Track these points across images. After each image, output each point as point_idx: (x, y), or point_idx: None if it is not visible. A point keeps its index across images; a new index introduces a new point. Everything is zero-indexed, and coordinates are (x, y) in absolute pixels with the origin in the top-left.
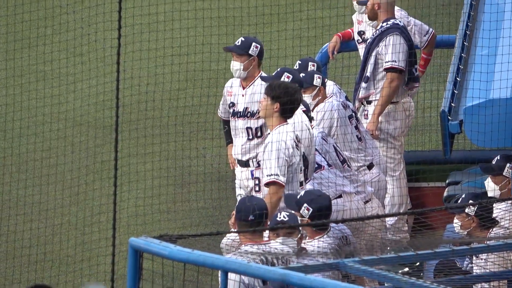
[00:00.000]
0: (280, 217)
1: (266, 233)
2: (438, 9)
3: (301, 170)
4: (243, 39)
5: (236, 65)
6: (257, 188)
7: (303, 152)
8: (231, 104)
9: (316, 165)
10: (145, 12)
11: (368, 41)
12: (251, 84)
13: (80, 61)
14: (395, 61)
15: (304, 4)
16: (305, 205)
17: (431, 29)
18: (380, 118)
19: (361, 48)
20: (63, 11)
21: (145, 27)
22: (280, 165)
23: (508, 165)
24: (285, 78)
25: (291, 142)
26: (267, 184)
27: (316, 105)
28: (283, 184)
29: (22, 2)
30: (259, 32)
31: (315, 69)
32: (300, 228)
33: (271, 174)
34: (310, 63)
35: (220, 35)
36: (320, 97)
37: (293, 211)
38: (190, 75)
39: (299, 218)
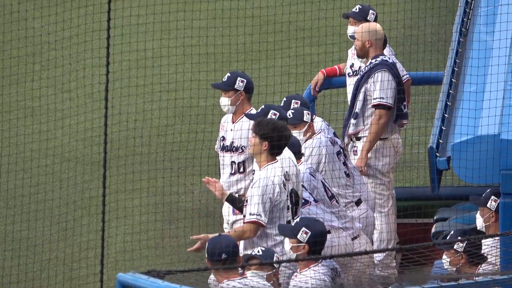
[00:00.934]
0: (254, 252)
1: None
2: (426, 46)
3: (288, 208)
4: (229, 74)
5: (223, 101)
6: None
7: (291, 189)
8: (221, 138)
9: (303, 201)
10: (133, 48)
11: (357, 78)
12: (239, 120)
13: (68, 97)
14: (383, 98)
15: (292, 41)
16: (303, 229)
17: (406, 76)
18: (369, 154)
19: (350, 85)
20: (51, 48)
21: (133, 64)
22: (264, 205)
23: (492, 197)
24: (272, 115)
25: (278, 181)
26: (249, 222)
27: (305, 141)
28: (264, 224)
29: (10, 38)
30: (247, 68)
31: (297, 107)
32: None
33: (254, 214)
34: (293, 101)
35: (208, 71)
36: (309, 133)
37: (286, 238)
38: (178, 111)
39: (290, 245)
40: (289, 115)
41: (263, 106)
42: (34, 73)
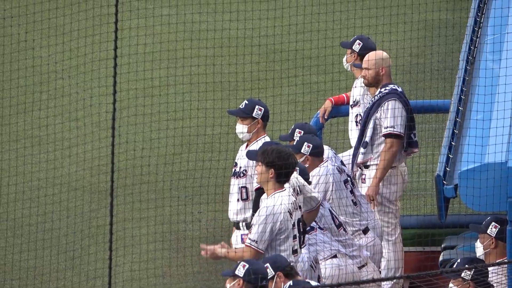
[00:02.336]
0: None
1: None
2: (433, 74)
3: (295, 237)
4: (246, 101)
5: (240, 128)
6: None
7: (299, 218)
8: (234, 164)
9: (308, 228)
10: (140, 77)
11: (366, 107)
12: (251, 145)
13: (75, 126)
14: (393, 127)
15: (299, 69)
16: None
17: None
18: None
19: (351, 113)
20: (59, 77)
21: (140, 92)
22: (263, 233)
23: (492, 223)
24: (297, 133)
25: (284, 209)
26: (246, 246)
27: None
28: (260, 251)
29: (17, 67)
30: (254, 96)
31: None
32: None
33: (251, 239)
34: (296, 131)
35: (215, 100)
36: (308, 165)
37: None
38: (186, 140)
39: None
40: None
41: (293, 127)
42: (41, 102)
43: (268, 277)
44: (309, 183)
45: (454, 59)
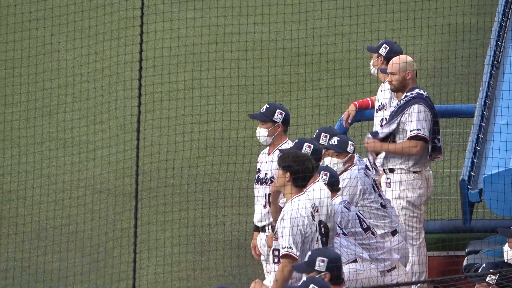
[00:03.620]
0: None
1: None
2: (457, 78)
3: (317, 240)
4: (267, 105)
5: (261, 132)
6: (275, 260)
7: (320, 220)
8: (257, 170)
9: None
10: (165, 80)
11: (392, 111)
12: (275, 151)
13: (100, 129)
14: (420, 130)
15: (324, 73)
16: (319, 258)
17: None
18: (402, 187)
19: (376, 117)
20: (83, 79)
21: (165, 95)
22: (294, 237)
23: None
24: (306, 148)
25: (306, 213)
26: (282, 256)
27: (340, 173)
28: (296, 257)
29: (42, 70)
30: (278, 100)
31: (326, 140)
32: None
33: (285, 247)
34: (322, 134)
35: (239, 103)
36: (348, 165)
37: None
38: (210, 143)
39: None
40: (334, 142)
41: (296, 140)
42: (66, 105)
43: None
44: (338, 189)
45: (479, 63)
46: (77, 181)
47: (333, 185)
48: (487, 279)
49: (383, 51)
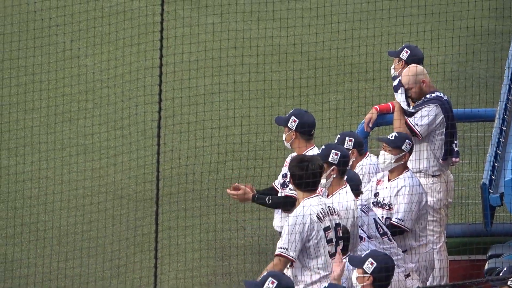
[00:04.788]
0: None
1: None
2: (477, 82)
3: (331, 241)
4: (291, 111)
5: (283, 137)
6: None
7: (337, 223)
8: (284, 175)
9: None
10: (186, 85)
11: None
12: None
13: (120, 135)
14: (417, 124)
15: (344, 77)
16: (369, 259)
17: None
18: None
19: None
20: (104, 85)
21: (185, 100)
22: (291, 240)
23: None
24: (348, 142)
25: (310, 217)
26: (276, 255)
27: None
28: (291, 258)
29: (63, 76)
30: (296, 104)
31: (351, 144)
32: None
33: (280, 247)
34: (347, 138)
35: (260, 107)
36: (402, 162)
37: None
38: (230, 148)
39: (357, 275)
40: (392, 137)
41: (323, 146)
42: (86, 110)
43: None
44: (361, 193)
45: (499, 67)
46: (98, 187)
47: (354, 189)
48: (509, 282)
49: (404, 55)
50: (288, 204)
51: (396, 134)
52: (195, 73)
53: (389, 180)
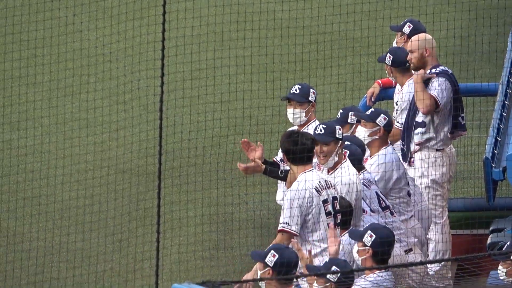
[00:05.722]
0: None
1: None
2: (480, 56)
3: (329, 214)
4: (299, 86)
5: (297, 112)
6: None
7: (334, 197)
8: None
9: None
10: (188, 59)
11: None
12: (305, 128)
13: (123, 109)
14: (439, 96)
15: (346, 51)
16: (369, 231)
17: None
18: (425, 165)
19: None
20: (106, 59)
21: (187, 75)
22: (292, 214)
23: None
24: (351, 116)
25: (308, 189)
26: (278, 231)
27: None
28: (293, 232)
29: (65, 50)
30: (299, 78)
31: (355, 120)
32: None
33: (281, 222)
34: (350, 114)
35: (262, 82)
36: (376, 137)
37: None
38: (232, 122)
39: (357, 248)
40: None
41: (341, 110)
42: (89, 85)
43: None
44: (362, 167)
45: (502, 41)
46: (100, 161)
47: (353, 163)
48: (511, 256)
49: (406, 29)
50: None
51: (373, 110)
52: (198, 47)
53: (370, 157)
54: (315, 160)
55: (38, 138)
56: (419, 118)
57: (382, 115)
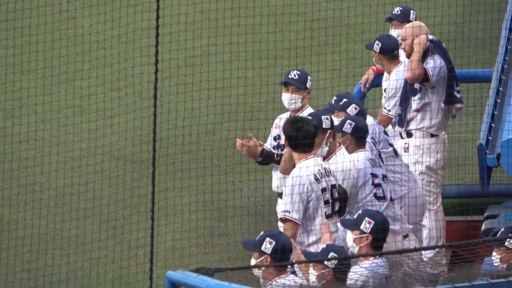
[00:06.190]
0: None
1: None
2: (474, 43)
3: (327, 203)
4: (298, 72)
5: (293, 98)
6: (279, 224)
7: (333, 185)
8: (277, 137)
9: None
10: (182, 46)
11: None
12: (299, 114)
13: (117, 96)
14: (432, 67)
15: (344, 37)
16: (366, 219)
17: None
18: (420, 151)
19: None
20: (100, 46)
21: (182, 62)
22: (293, 201)
23: None
24: (353, 109)
25: (308, 178)
26: (281, 220)
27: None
28: (295, 221)
29: (59, 37)
30: (293, 64)
31: (355, 112)
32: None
33: (283, 211)
34: (344, 100)
35: (255, 68)
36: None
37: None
38: (227, 109)
39: (353, 237)
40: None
41: (335, 97)
42: (83, 72)
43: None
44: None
45: (494, 28)
46: (94, 148)
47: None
48: (506, 243)
49: (413, 17)
50: None
51: (345, 100)
52: (192, 34)
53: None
54: None
55: (32, 125)
56: (418, 104)
57: (353, 105)
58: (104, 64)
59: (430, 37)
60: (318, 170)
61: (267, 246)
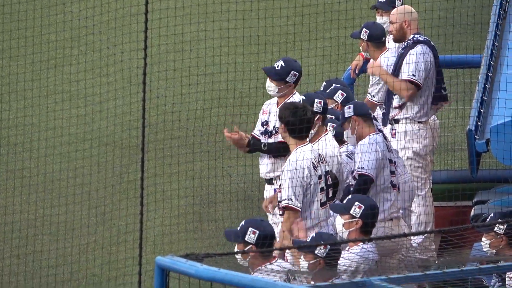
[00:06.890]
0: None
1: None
2: (464, 28)
3: (322, 190)
4: (283, 64)
5: (271, 86)
6: (281, 212)
7: (327, 171)
8: (264, 123)
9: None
10: (171, 32)
11: (398, 54)
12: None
13: (106, 82)
14: (414, 75)
15: (334, 22)
16: (356, 203)
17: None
18: (407, 137)
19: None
20: (89, 32)
21: (171, 47)
22: (294, 188)
23: None
24: (340, 96)
25: (307, 164)
26: (283, 208)
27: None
28: (297, 208)
29: (48, 23)
30: (283, 50)
31: (342, 98)
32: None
33: (285, 199)
34: (334, 85)
35: (245, 54)
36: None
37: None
38: (216, 95)
39: (342, 221)
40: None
41: (303, 97)
42: (72, 57)
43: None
44: (344, 141)
45: (485, 13)
46: (84, 133)
47: (337, 136)
48: (495, 229)
49: (398, 4)
50: (282, 150)
51: (333, 86)
52: (181, 19)
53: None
54: None
55: (22, 110)
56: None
57: (339, 91)
58: (93, 49)
59: (418, 36)
60: (315, 157)
61: (251, 236)
